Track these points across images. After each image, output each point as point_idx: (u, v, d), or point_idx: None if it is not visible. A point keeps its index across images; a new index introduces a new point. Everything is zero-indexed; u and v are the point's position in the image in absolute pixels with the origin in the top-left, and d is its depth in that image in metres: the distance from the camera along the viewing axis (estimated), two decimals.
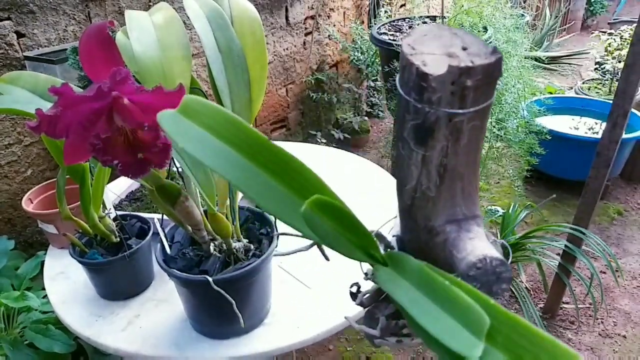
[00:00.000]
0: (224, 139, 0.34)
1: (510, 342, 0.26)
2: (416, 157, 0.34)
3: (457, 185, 0.35)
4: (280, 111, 2.40)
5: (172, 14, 0.61)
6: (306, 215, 0.30)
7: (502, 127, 1.59)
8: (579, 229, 1.50)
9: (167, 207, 0.63)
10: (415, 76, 0.31)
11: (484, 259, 0.31)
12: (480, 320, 0.26)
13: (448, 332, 0.27)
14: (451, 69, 0.30)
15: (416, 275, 0.31)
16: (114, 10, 1.44)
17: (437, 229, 0.36)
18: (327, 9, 2.53)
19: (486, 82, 0.31)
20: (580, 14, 4.87)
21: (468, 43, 0.32)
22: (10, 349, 0.95)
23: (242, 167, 0.34)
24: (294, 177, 0.34)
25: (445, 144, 0.33)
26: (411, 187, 0.36)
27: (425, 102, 0.31)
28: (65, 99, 0.43)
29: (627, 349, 1.56)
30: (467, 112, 0.31)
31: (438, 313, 0.28)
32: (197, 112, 0.35)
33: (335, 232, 0.32)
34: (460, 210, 0.35)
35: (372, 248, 0.35)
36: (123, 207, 1.10)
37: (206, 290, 0.66)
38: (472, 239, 0.34)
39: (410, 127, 0.33)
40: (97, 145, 0.45)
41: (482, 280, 0.31)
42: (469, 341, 0.26)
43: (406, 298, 0.30)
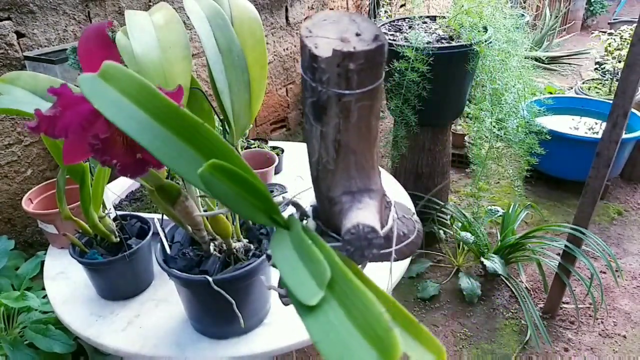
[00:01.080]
0: (139, 103, 0.37)
1: (344, 294, 0.30)
2: (316, 132, 0.37)
3: (351, 159, 0.38)
4: (280, 111, 2.40)
5: (172, 14, 0.61)
6: (203, 177, 0.33)
7: (502, 127, 1.59)
8: (579, 229, 1.50)
9: (167, 207, 0.63)
10: (308, 57, 0.34)
11: (357, 226, 0.34)
12: (324, 272, 0.30)
13: (299, 281, 0.31)
14: (335, 52, 0.32)
15: (296, 236, 0.36)
16: (113, 10, 1.44)
17: (335, 199, 0.39)
18: (327, 9, 2.53)
19: (369, 66, 0.33)
20: (580, 14, 4.87)
21: (363, 29, 0.34)
22: (10, 349, 0.95)
23: (154, 130, 0.36)
24: (203, 142, 0.37)
25: (338, 121, 0.35)
26: (315, 159, 0.39)
27: (318, 81, 0.34)
28: (64, 99, 0.43)
29: (627, 349, 1.56)
30: (354, 92, 0.34)
31: (298, 266, 0.32)
32: (115, 77, 0.38)
33: (235, 194, 0.35)
34: (355, 183, 0.39)
35: (274, 213, 0.38)
36: (123, 207, 1.10)
37: (206, 290, 0.66)
38: (360, 209, 0.37)
39: (309, 104, 0.36)
40: (96, 145, 0.45)
41: (355, 245, 0.34)
42: (312, 290, 0.30)
43: (279, 253, 0.35)
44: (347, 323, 0.28)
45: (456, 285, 1.80)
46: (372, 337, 0.27)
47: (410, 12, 2.83)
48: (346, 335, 0.28)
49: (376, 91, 0.35)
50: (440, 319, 1.69)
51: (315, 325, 0.29)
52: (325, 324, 0.29)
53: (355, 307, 0.29)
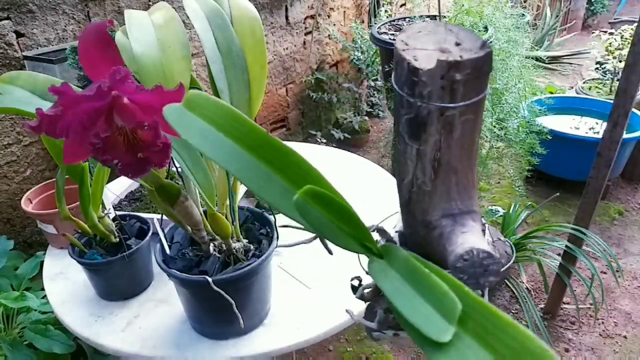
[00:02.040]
0: (226, 131, 0.36)
1: (480, 328, 0.26)
2: (411, 151, 0.35)
3: (452, 179, 0.35)
4: (280, 111, 2.40)
5: (172, 14, 0.60)
6: (298, 205, 0.31)
7: (502, 127, 1.59)
8: (579, 229, 1.50)
9: (167, 207, 0.63)
10: (407, 71, 0.32)
11: (471, 251, 0.31)
12: (453, 306, 0.27)
13: (422, 316, 0.28)
14: (440, 63, 0.30)
15: (402, 265, 0.32)
16: (113, 9, 1.44)
17: (433, 223, 0.36)
18: (327, 9, 2.53)
19: (475, 76, 0.31)
20: (581, 14, 4.87)
21: (462, 39, 0.33)
22: (9, 350, 0.94)
23: (243, 159, 0.35)
24: (292, 170, 0.35)
25: (438, 137, 0.33)
26: (408, 181, 0.37)
27: (417, 96, 0.32)
28: (65, 98, 0.42)
29: (627, 349, 1.56)
30: (458, 105, 0.32)
31: (416, 299, 0.29)
32: (200, 105, 0.37)
33: (329, 222, 0.33)
34: (456, 204, 0.36)
35: (367, 240, 0.35)
36: (122, 207, 1.10)
37: (206, 291, 0.66)
38: (464, 232, 0.34)
39: (405, 122, 0.34)
40: (97, 145, 0.44)
41: (469, 273, 0.31)
42: (441, 326, 0.27)
43: (390, 286, 0.31)
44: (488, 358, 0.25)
45: None
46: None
47: (410, 11, 2.83)
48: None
49: (481, 103, 0.33)
50: None
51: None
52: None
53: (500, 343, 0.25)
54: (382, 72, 2.28)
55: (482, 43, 0.32)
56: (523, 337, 0.25)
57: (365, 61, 2.66)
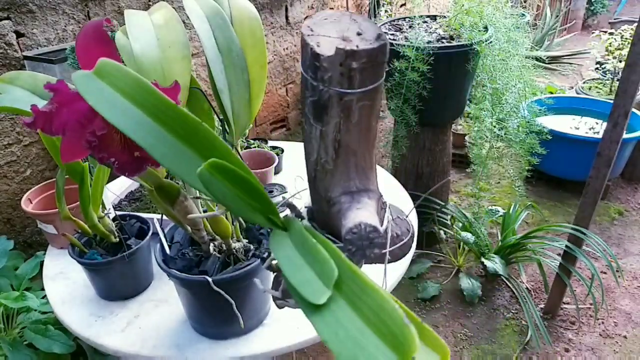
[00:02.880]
0: (135, 101, 0.36)
1: (351, 292, 0.29)
2: (315, 132, 0.37)
3: (351, 160, 0.38)
4: (280, 111, 2.39)
5: (172, 14, 0.60)
6: (202, 176, 0.32)
7: (502, 127, 1.59)
8: (579, 229, 1.50)
9: (167, 207, 0.63)
10: (310, 55, 0.33)
11: (359, 225, 0.34)
12: (331, 271, 0.30)
13: (304, 280, 0.31)
14: (338, 51, 0.32)
15: (297, 236, 0.35)
16: (113, 9, 1.44)
17: (334, 200, 0.39)
18: (327, 8, 2.53)
19: (371, 65, 0.33)
20: (581, 14, 4.87)
21: (364, 29, 0.34)
22: (9, 350, 0.94)
23: (149, 128, 0.36)
24: (201, 142, 0.36)
25: (338, 120, 0.35)
26: (313, 160, 0.39)
27: (319, 80, 0.34)
28: (60, 95, 0.42)
29: (627, 349, 1.56)
30: (355, 92, 0.34)
31: (302, 266, 0.32)
32: (110, 74, 0.37)
33: (234, 195, 0.34)
34: (354, 183, 0.38)
35: (272, 214, 0.37)
36: (122, 207, 1.10)
37: (206, 291, 0.66)
38: (359, 209, 0.37)
39: (309, 104, 0.36)
40: (94, 143, 0.44)
41: (357, 244, 0.34)
42: (319, 289, 0.29)
43: (282, 253, 0.34)
44: (357, 321, 0.28)
45: (457, 286, 1.80)
46: (386, 334, 0.27)
47: (410, 11, 2.83)
48: (357, 333, 0.27)
49: (377, 91, 0.35)
50: (441, 320, 1.69)
51: (324, 324, 0.28)
52: (334, 323, 0.28)
53: (365, 305, 0.28)
54: None
55: (378, 35, 0.33)
56: (381, 298, 0.28)
57: None
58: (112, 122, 0.35)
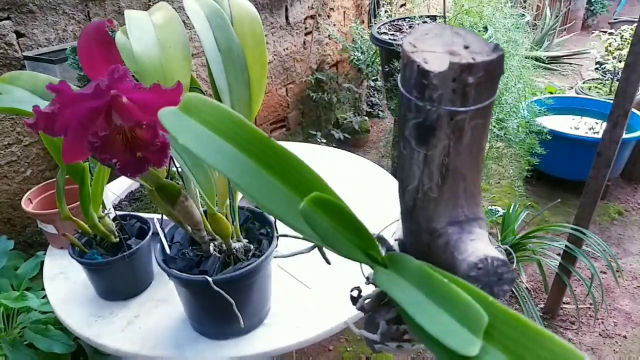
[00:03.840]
0: (225, 136, 0.34)
1: (508, 339, 0.25)
2: (418, 157, 0.34)
3: (460, 185, 0.34)
4: (280, 111, 2.40)
5: (172, 14, 0.61)
6: (305, 213, 0.30)
7: (502, 127, 1.59)
8: (579, 229, 1.50)
9: (167, 207, 0.63)
10: (417, 74, 0.31)
11: (485, 259, 0.31)
12: (478, 317, 0.26)
13: (445, 329, 0.26)
14: (452, 65, 0.29)
15: (415, 275, 0.31)
16: (113, 10, 1.44)
17: (439, 231, 0.35)
18: (327, 9, 2.53)
19: (488, 79, 0.31)
20: (581, 14, 4.87)
21: (470, 41, 0.32)
22: (10, 350, 0.94)
23: (242, 164, 0.33)
24: (294, 175, 0.33)
25: (447, 142, 0.32)
26: (413, 187, 0.35)
27: (427, 99, 0.31)
28: (62, 96, 0.42)
29: (627, 349, 1.56)
30: (469, 109, 0.31)
31: (436, 311, 0.28)
32: (197, 109, 0.35)
33: (334, 231, 0.31)
34: (463, 211, 0.35)
35: (372, 249, 0.34)
36: (123, 207, 1.10)
37: (206, 291, 0.66)
38: (473, 240, 0.33)
39: (412, 126, 0.33)
40: (96, 144, 0.44)
41: (483, 281, 0.31)
42: (467, 339, 0.25)
43: (405, 297, 0.30)
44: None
45: None
46: None
47: (410, 11, 2.83)
48: None
49: (490, 107, 0.32)
50: None
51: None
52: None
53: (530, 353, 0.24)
54: (382, 72, 2.28)
55: (494, 46, 0.31)
56: (554, 344, 0.24)
57: (365, 61, 2.66)
58: (206, 161, 0.33)
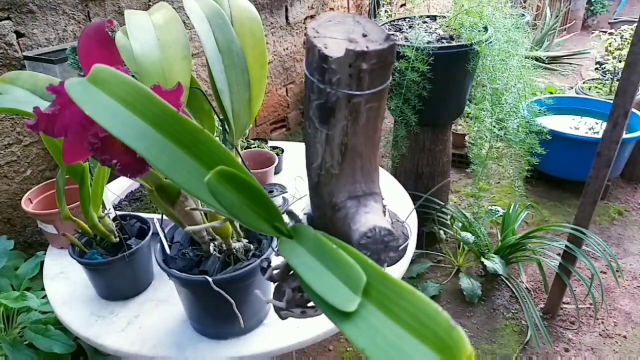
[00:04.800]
0: (134, 109, 0.35)
1: (382, 296, 0.28)
2: (320, 136, 0.36)
3: (357, 163, 0.37)
4: (280, 111, 2.40)
5: (172, 14, 0.61)
6: (210, 185, 0.31)
7: (502, 127, 1.59)
8: (579, 229, 1.50)
9: (167, 207, 0.63)
10: (318, 58, 0.33)
11: (374, 229, 0.33)
12: (358, 276, 0.29)
13: (329, 288, 0.29)
14: (348, 52, 0.32)
15: (311, 242, 0.34)
16: (113, 10, 1.44)
17: (339, 205, 0.38)
18: (327, 9, 2.53)
19: (380, 66, 0.33)
20: (581, 14, 4.87)
21: (368, 30, 0.34)
22: (10, 349, 0.94)
23: (151, 137, 0.34)
24: (203, 150, 0.35)
25: (346, 123, 0.35)
26: (317, 164, 0.38)
27: (327, 82, 0.33)
28: (63, 97, 0.42)
29: (627, 349, 1.56)
30: (364, 93, 0.33)
31: (324, 273, 0.31)
32: (106, 81, 0.36)
33: (240, 202, 0.33)
34: (360, 187, 0.38)
35: (277, 221, 0.36)
36: (123, 207, 1.10)
37: (206, 291, 0.66)
38: (367, 212, 0.36)
39: (315, 107, 0.35)
40: (96, 145, 0.44)
41: (372, 249, 0.33)
42: (347, 296, 0.28)
43: (299, 261, 0.33)
44: (394, 327, 0.27)
45: (456, 286, 1.80)
46: (430, 338, 0.25)
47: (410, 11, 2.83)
48: (396, 339, 0.26)
49: (384, 92, 0.35)
50: None
51: (358, 332, 0.27)
52: (369, 329, 0.27)
53: (401, 310, 0.27)
54: None
55: (387, 35, 0.33)
56: (420, 302, 0.27)
57: None
58: (112, 132, 0.33)
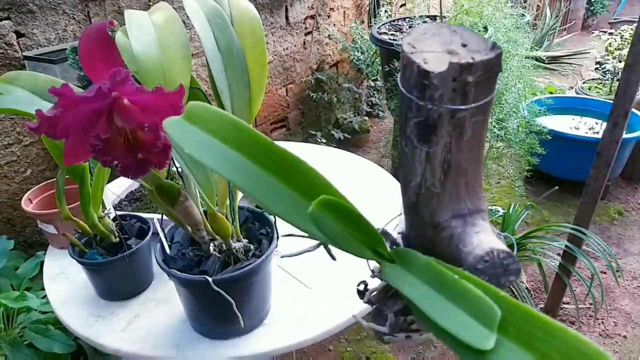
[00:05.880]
0: (229, 142, 0.35)
1: (522, 332, 0.26)
2: (420, 154, 0.34)
3: (461, 180, 0.35)
4: (280, 111, 2.40)
5: (172, 14, 0.61)
6: (313, 216, 0.30)
7: (502, 127, 1.59)
8: (579, 229, 1.50)
9: (167, 207, 0.63)
10: (417, 74, 0.31)
11: (491, 252, 0.31)
12: (491, 311, 0.26)
13: (459, 324, 0.27)
14: (452, 65, 0.30)
15: (424, 270, 0.32)
16: (113, 9, 1.44)
17: (442, 224, 0.36)
18: (327, 9, 2.53)
19: (486, 77, 0.31)
20: (581, 14, 4.87)
21: (467, 40, 0.32)
22: (9, 349, 0.94)
23: (248, 170, 0.34)
24: (300, 178, 0.34)
25: (449, 140, 0.33)
26: (416, 183, 0.36)
27: (428, 99, 0.31)
28: (65, 99, 0.42)
29: (627, 349, 1.56)
30: (470, 107, 0.31)
31: (448, 306, 0.28)
32: (201, 117, 0.36)
33: (342, 231, 0.32)
34: (465, 205, 0.36)
35: (379, 245, 0.35)
36: (123, 207, 1.10)
37: (206, 291, 0.66)
38: (478, 232, 0.34)
39: (413, 125, 0.33)
40: (97, 146, 0.45)
41: (489, 273, 0.31)
42: (481, 333, 0.26)
43: (415, 293, 0.30)
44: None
45: None
46: None
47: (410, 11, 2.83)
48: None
49: (490, 104, 0.33)
50: None
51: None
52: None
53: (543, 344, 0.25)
54: (382, 72, 2.28)
55: (492, 44, 0.31)
56: (570, 337, 0.24)
57: (365, 61, 2.66)
58: (212, 169, 0.34)
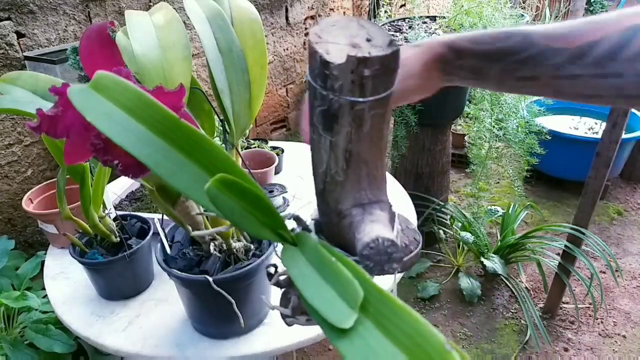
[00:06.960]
0: (135, 115, 0.35)
1: (379, 314, 0.28)
2: (325, 142, 0.36)
3: (363, 170, 0.36)
4: (280, 111, 2.40)
5: (172, 14, 0.61)
6: (210, 193, 0.31)
7: (501, 127, 1.59)
8: (578, 229, 1.50)
9: (167, 207, 0.63)
10: (320, 64, 0.32)
11: (377, 239, 0.33)
12: (356, 292, 0.28)
13: (326, 302, 0.29)
14: (350, 58, 0.31)
15: (312, 252, 0.34)
16: (114, 10, 1.44)
17: (344, 212, 0.37)
18: (327, 9, 2.53)
19: (384, 72, 0.32)
20: (581, 14, 4.87)
21: (373, 35, 0.33)
22: (10, 349, 0.95)
23: (153, 143, 0.34)
24: (205, 156, 0.35)
25: (349, 130, 0.34)
26: (322, 171, 0.38)
27: (329, 89, 0.32)
28: (65, 99, 0.43)
29: (626, 348, 1.56)
30: (367, 100, 0.32)
31: (321, 286, 0.30)
32: (108, 88, 0.36)
33: (242, 210, 0.33)
34: (366, 194, 0.37)
35: (280, 228, 0.36)
36: (123, 207, 1.10)
37: (206, 290, 0.66)
38: (373, 221, 0.35)
39: (319, 113, 0.35)
40: (98, 146, 0.45)
41: (375, 260, 0.33)
42: (344, 311, 0.28)
43: (298, 272, 0.32)
44: (389, 345, 0.26)
45: (456, 285, 1.80)
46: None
47: (410, 12, 2.83)
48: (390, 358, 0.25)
49: (389, 99, 0.34)
50: (440, 319, 1.69)
51: (352, 349, 0.26)
52: (364, 347, 0.26)
53: (397, 329, 0.27)
54: None
55: (390, 41, 0.32)
56: (416, 322, 0.26)
57: None
58: (114, 140, 0.33)
